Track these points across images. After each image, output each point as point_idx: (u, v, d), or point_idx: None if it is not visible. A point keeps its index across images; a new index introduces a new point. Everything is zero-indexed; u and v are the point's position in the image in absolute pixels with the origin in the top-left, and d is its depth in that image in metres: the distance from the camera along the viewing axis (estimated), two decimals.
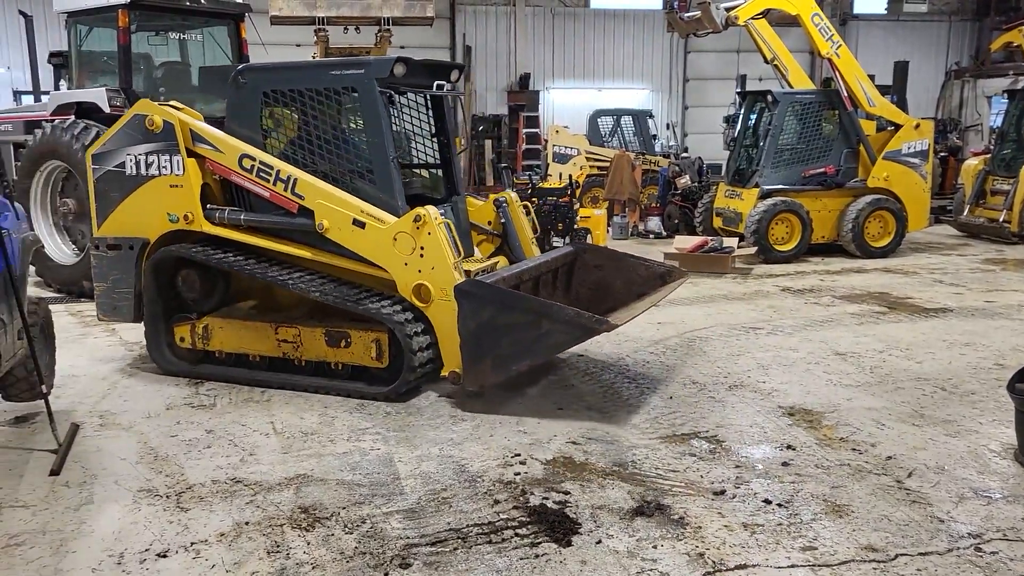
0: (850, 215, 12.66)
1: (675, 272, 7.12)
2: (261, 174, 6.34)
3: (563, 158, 18.75)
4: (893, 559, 3.85)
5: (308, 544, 4.02)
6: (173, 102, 6.79)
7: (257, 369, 6.57)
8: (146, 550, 3.96)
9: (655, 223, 15.34)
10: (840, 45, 12.83)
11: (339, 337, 6.25)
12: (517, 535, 4.08)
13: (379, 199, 6.22)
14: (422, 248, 5.97)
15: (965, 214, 15.06)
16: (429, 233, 5.95)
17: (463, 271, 6.04)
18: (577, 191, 14.71)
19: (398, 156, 6.45)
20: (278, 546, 4.00)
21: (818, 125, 12.99)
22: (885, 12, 28.08)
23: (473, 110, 24.62)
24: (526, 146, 22.49)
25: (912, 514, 4.29)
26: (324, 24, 16.41)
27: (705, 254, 11.77)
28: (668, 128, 24.60)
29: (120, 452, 5.20)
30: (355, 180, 6.38)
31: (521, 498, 4.48)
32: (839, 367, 6.96)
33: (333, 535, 4.10)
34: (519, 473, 4.81)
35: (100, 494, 4.58)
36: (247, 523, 4.23)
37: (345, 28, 17.10)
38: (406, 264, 6.03)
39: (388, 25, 16.55)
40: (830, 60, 12.80)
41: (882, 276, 11.33)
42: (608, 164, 16.60)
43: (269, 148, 6.53)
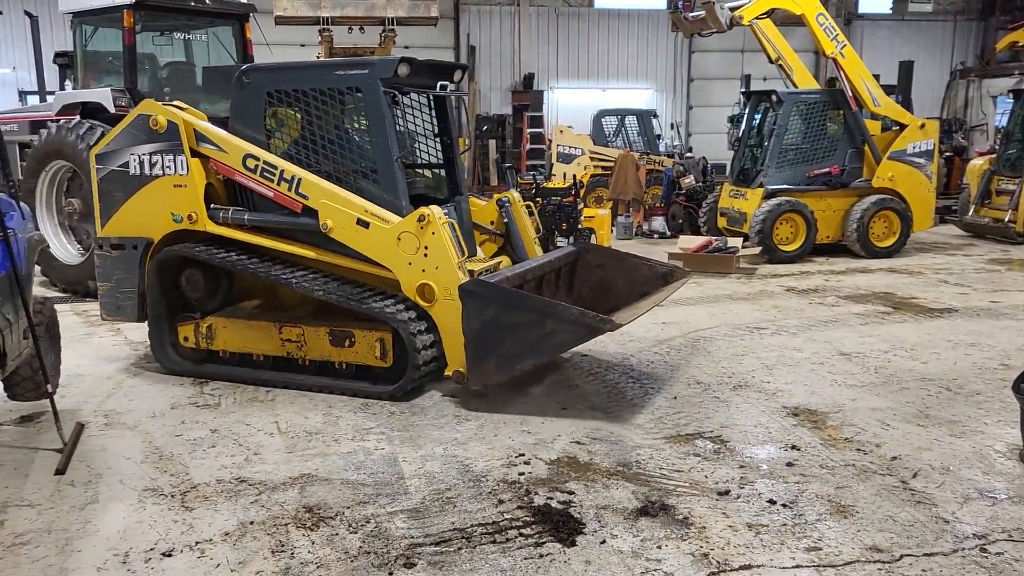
0: (855, 215, 12.64)
1: (677, 272, 7.12)
2: (265, 174, 6.35)
3: (567, 158, 18.75)
4: (898, 560, 3.84)
5: (312, 543, 4.02)
6: (176, 102, 6.80)
7: (261, 368, 6.58)
8: (151, 549, 3.97)
9: (659, 223, 15.33)
10: (845, 45, 12.81)
11: (343, 336, 6.25)
12: (521, 535, 4.08)
13: (383, 199, 6.22)
14: (426, 248, 5.98)
15: (970, 214, 15.03)
16: (433, 233, 5.96)
17: (467, 271, 6.05)
18: (581, 191, 14.69)
19: (402, 156, 6.46)
20: (283, 545, 4.00)
21: (823, 125, 12.96)
22: (890, 12, 28.01)
23: (477, 110, 24.62)
24: (530, 146, 22.48)
25: (917, 515, 4.28)
26: (328, 24, 16.42)
27: (709, 254, 11.75)
28: (672, 128, 24.62)
29: (125, 451, 5.21)
30: (359, 180, 6.39)
31: (525, 498, 4.47)
32: (844, 367, 6.95)
33: (337, 534, 4.11)
34: (523, 473, 4.81)
35: (105, 493, 4.59)
36: (252, 522, 4.23)
37: (349, 28, 17.12)
38: (410, 264, 6.03)
39: (392, 25, 16.56)
40: (835, 60, 12.78)
41: (887, 276, 11.31)
42: (612, 164, 16.59)
43: (273, 148, 6.54)
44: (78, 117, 9.69)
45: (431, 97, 7.03)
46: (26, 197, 9.77)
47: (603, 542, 4.00)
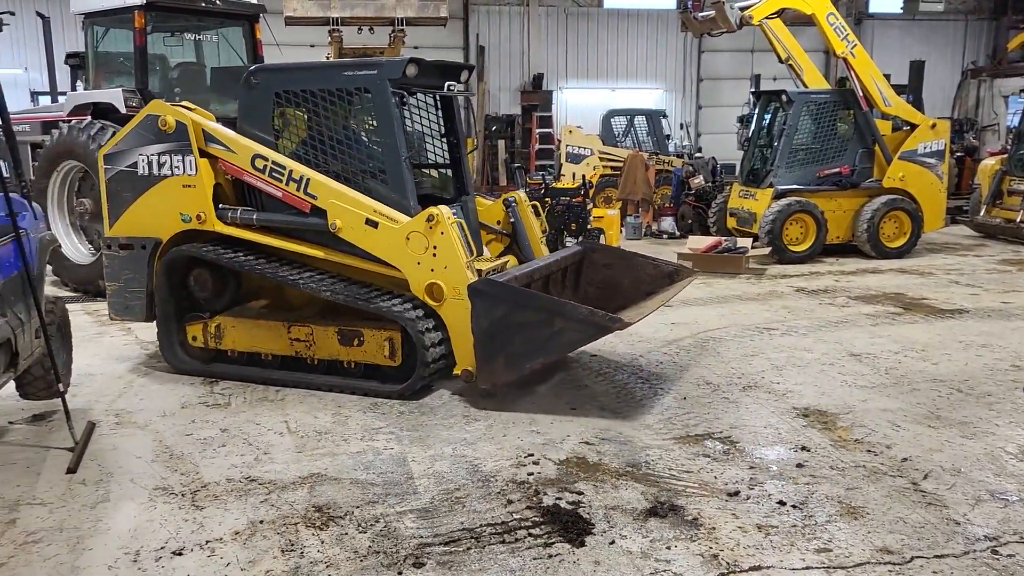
0: (865, 215, 12.58)
1: (683, 271, 7.11)
2: (274, 174, 6.37)
3: (576, 158, 18.73)
4: (908, 561, 3.83)
5: (322, 543, 4.03)
6: (185, 102, 6.83)
7: (269, 368, 6.60)
8: (162, 548, 3.99)
9: (668, 223, 15.31)
10: (855, 44, 12.76)
11: (352, 336, 6.27)
12: (530, 535, 4.08)
13: (391, 199, 6.24)
14: (435, 247, 5.99)
15: (982, 214, 14.95)
16: (442, 233, 5.97)
17: (475, 270, 6.05)
18: (590, 191, 14.69)
19: (410, 156, 6.47)
20: (292, 545, 4.02)
21: (833, 125, 12.91)
22: (901, 11, 27.84)
23: (486, 110, 24.64)
24: (539, 146, 22.48)
25: (928, 516, 4.26)
26: (338, 25, 16.48)
27: (719, 254, 11.73)
28: (682, 128, 24.56)
29: (136, 450, 5.23)
30: (367, 180, 6.40)
31: (534, 498, 4.47)
32: (854, 368, 6.93)
33: (347, 534, 4.12)
34: (532, 473, 4.81)
35: (116, 492, 4.61)
36: (262, 522, 4.25)
37: (359, 28, 17.18)
38: (419, 263, 6.04)
39: (402, 25, 16.61)
40: (845, 59, 12.73)
41: (897, 277, 11.26)
42: (621, 164, 16.57)
43: (281, 148, 6.55)
44: (89, 117, 9.74)
45: (438, 97, 7.04)
46: (38, 197, 9.83)
47: (612, 543, 4.00)
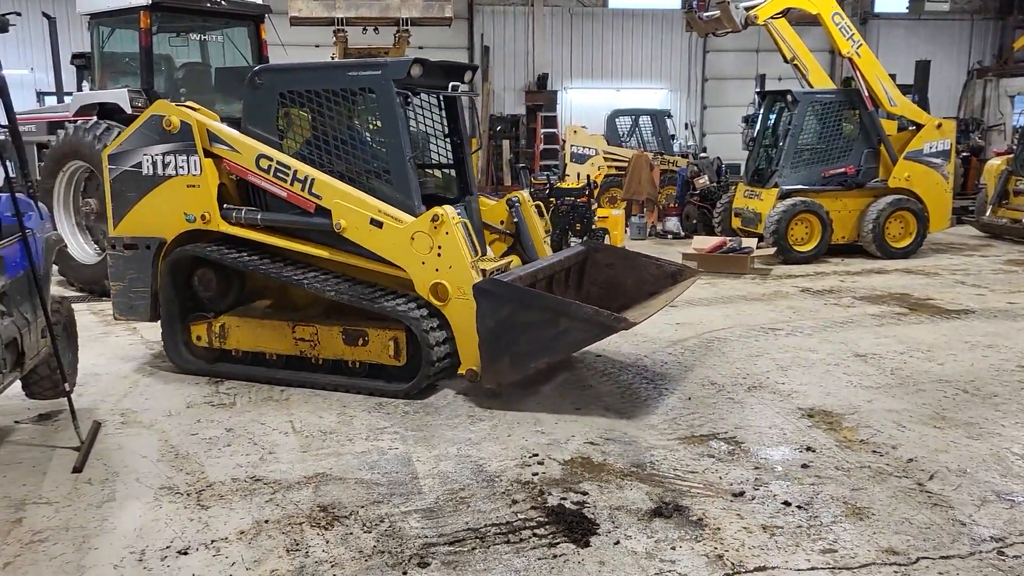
0: (871, 215, 12.55)
1: (686, 271, 7.11)
2: (278, 174, 6.37)
3: (581, 158, 18.73)
4: (914, 562, 3.82)
5: (327, 543, 4.04)
6: (189, 103, 6.84)
7: (274, 367, 6.61)
8: (167, 547, 4.00)
9: (673, 223, 15.29)
10: (861, 44, 12.73)
11: (356, 335, 6.27)
12: (535, 535, 4.08)
13: (396, 199, 6.24)
14: (439, 247, 5.99)
15: (987, 214, 14.90)
16: (447, 232, 5.97)
17: (480, 270, 6.06)
18: (595, 191, 14.68)
19: (415, 156, 6.47)
20: (297, 544, 4.02)
21: (838, 125, 12.89)
22: (906, 11, 27.83)
23: (491, 110, 24.65)
24: (544, 146, 22.47)
25: (933, 517, 4.25)
26: (343, 25, 16.49)
27: (724, 255, 11.71)
28: (687, 128, 24.55)
29: (141, 450, 5.24)
30: (371, 180, 6.41)
31: (539, 498, 4.47)
32: (859, 368, 6.91)
33: (352, 534, 4.12)
34: (537, 473, 4.81)
35: (122, 491, 4.62)
36: (267, 521, 4.25)
37: (364, 29, 17.20)
38: (423, 263, 6.05)
39: (406, 26, 16.62)
40: (851, 59, 12.70)
41: (903, 277, 11.23)
42: (626, 164, 16.56)
43: (285, 148, 6.56)
44: (95, 118, 9.76)
45: (441, 97, 7.04)
46: (44, 197, 9.87)
47: (617, 543, 4.00)
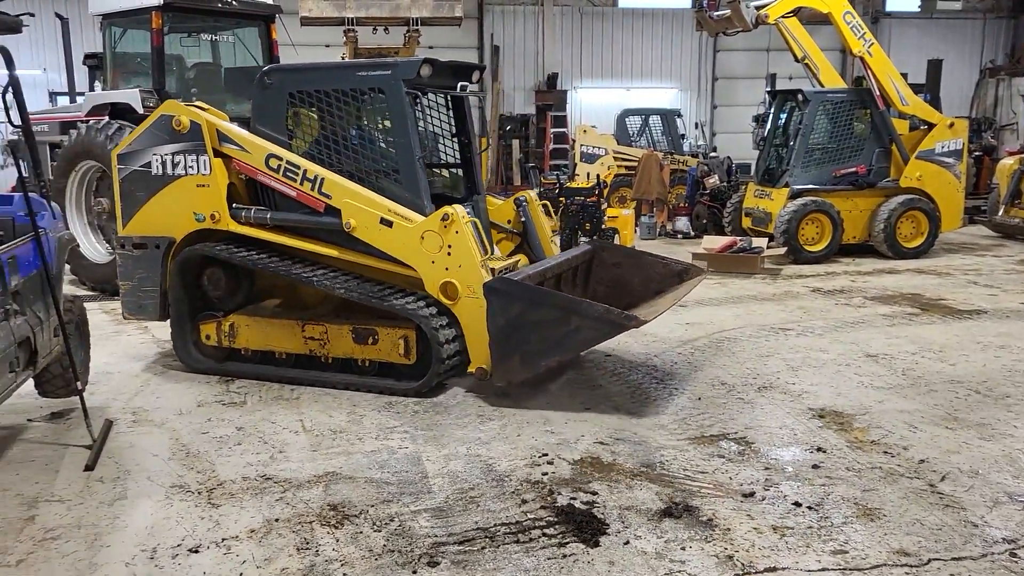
0: (882, 215, 12.50)
1: (692, 270, 7.09)
2: (288, 174, 6.39)
3: (591, 158, 18.71)
4: (926, 563, 3.80)
5: (337, 541, 4.05)
6: (198, 103, 6.87)
7: (283, 366, 6.63)
8: (178, 545, 4.02)
9: (683, 223, 15.26)
10: (872, 43, 12.68)
11: (366, 334, 6.28)
12: (545, 535, 4.08)
13: (405, 198, 6.25)
14: (449, 246, 6.00)
15: (1000, 214, 14.80)
16: (457, 232, 5.98)
17: (489, 269, 6.06)
18: (605, 191, 14.67)
19: (424, 156, 6.48)
20: (307, 543, 4.03)
21: (849, 124, 12.83)
22: (918, 10, 27.67)
23: (501, 110, 24.64)
24: (554, 146, 22.47)
25: (945, 518, 4.22)
26: (353, 25, 16.53)
27: (734, 254, 11.68)
28: (697, 127, 24.47)
29: (153, 448, 5.27)
30: (381, 180, 6.43)
31: (549, 498, 4.47)
32: (870, 369, 6.88)
33: (362, 533, 4.13)
34: (547, 473, 4.81)
35: (133, 489, 4.65)
36: (277, 520, 4.27)
37: (374, 29, 17.22)
38: (433, 262, 6.06)
39: (417, 25, 16.64)
40: (862, 58, 12.65)
41: (914, 277, 11.17)
42: (636, 164, 16.53)
43: (294, 148, 6.58)
44: (107, 118, 9.81)
45: (449, 97, 7.05)
46: (56, 196, 9.92)
47: (627, 543, 3.99)
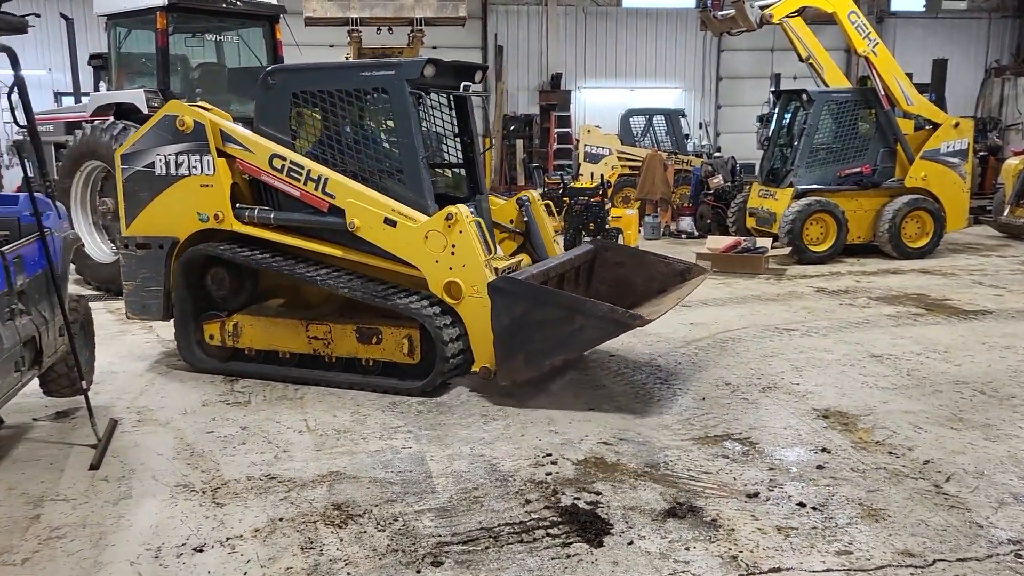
0: (887, 215, 12.47)
1: (694, 269, 7.09)
2: (292, 174, 6.40)
3: (595, 158, 18.70)
4: (931, 564, 3.79)
5: (341, 541, 4.05)
6: (201, 103, 6.88)
7: (287, 366, 6.63)
8: (183, 544, 4.02)
9: (687, 223, 15.25)
10: (877, 43, 12.65)
11: (370, 334, 6.29)
12: (548, 535, 4.07)
13: (409, 198, 6.26)
14: (453, 246, 6.00)
15: (1005, 214, 14.76)
16: (461, 231, 5.98)
17: (493, 268, 6.07)
18: (609, 191, 14.65)
19: (427, 156, 6.49)
20: (312, 542, 4.04)
21: (854, 124, 12.81)
22: (923, 9, 27.62)
23: (504, 110, 24.64)
24: (557, 146, 22.47)
25: (950, 519, 4.21)
26: (357, 25, 16.53)
27: (738, 254, 11.66)
28: (701, 127, 24.46)
29: (157, 448, 5.28)
30: (384, 179, 6.44)
31: (552, 498, 4.47)
32: (875, 369, 6.87)
33: (366, 532, 4.13)
34: (550, 473, 4.81)
35: (138, 489, 4.66)
36: (281, 519, 4.27)
37: (378, 29, 17.23)
38: (437, 262, 6.06)
39: (420, 25, 16.64)
40: (867, 58, 12.62)
41: (919, 277, 11.15)
42: (640, 164, 16.52)
43: (298, 148, 6.59)
44: (112, 118, 9.83)
45: (452, 97, 7.05)
46: (61, 196, 9.94)
47: (631, 543, 3.99)
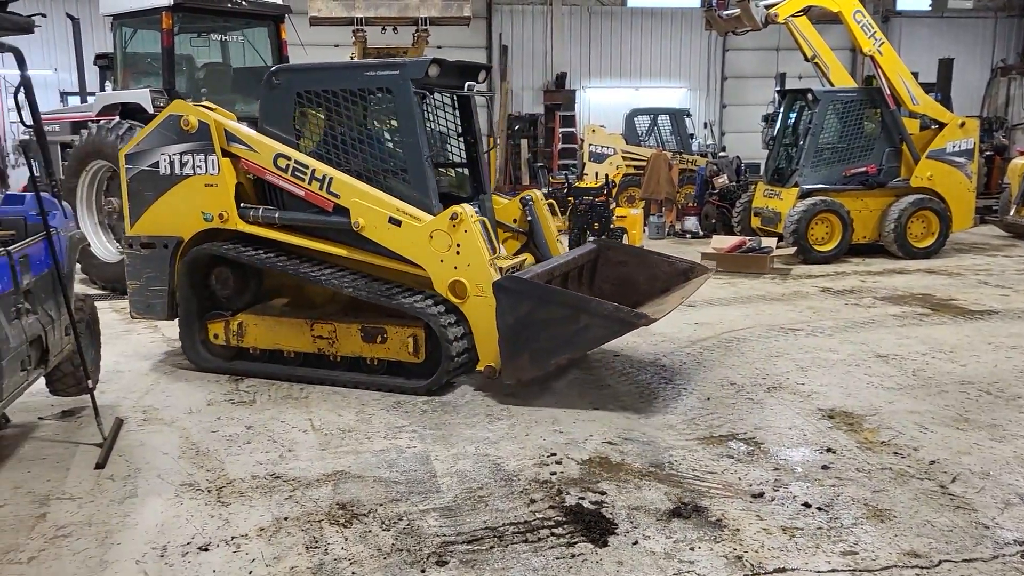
0: (892, 215, 12.44)
1: (698, 268, 7.08)
2: (296, 173, 6.40)
3: (599, 157, 18.67)
4: (936, 565, 3.78)
5: (346, 540, 4.05)
6: (206, 102, 6.89)
7: (292, 365, 6.64)
8: (188, 543, 4.03)
9: (692, 223, 15.24)
10: (883, 42, 12.62)
11: (375, 333, 6.30)
12: (553, 535, 4.07)
13: (413, 198, 6.27)
14: (458, 245, 6.01)
15: (1011, 214, 14.72)
16: (466, 231, 5.99)
17: (497, 268, 6.07)
18: (613, 190, 14.65)
19: (432, 155, 6.49)
20: (316, 541, 4.04)
21: (860, 124, 12.78)
22: (929, 9, 27.55)
23: (509, 109, 24.63)
24: (562, 145, 22.44)
25: (956, 520, 4.20)
26: (362, 25, 16.54)
27: (743, 254, 11.65)
28: (706, 127, 24.40)
29: (163, 447, 5.29)
30: (389, 179, 6.44)
31: (557, 498, 4.47)
32: (880, 369, 6.85)
33: (370, 531, 4.14)
34: (555, 473, 4.81)
35: (144, 487, 4.67)
36: (286, 518, 4.28)
37: (383, 28, 17.23)
38: (442, 261, 6.07)
39: (425, 25, 16.65)
40: (872, 57, 12.60)
41: (925, 277, 11.12)
42: (645, 163, 16.51)
43: (302, 148, 6.59)
44: (118, 118, 9.86)
45: (455, 97, 7.06)
46: (67, 196, 9.96)
47: (635, 543, 3.99)
